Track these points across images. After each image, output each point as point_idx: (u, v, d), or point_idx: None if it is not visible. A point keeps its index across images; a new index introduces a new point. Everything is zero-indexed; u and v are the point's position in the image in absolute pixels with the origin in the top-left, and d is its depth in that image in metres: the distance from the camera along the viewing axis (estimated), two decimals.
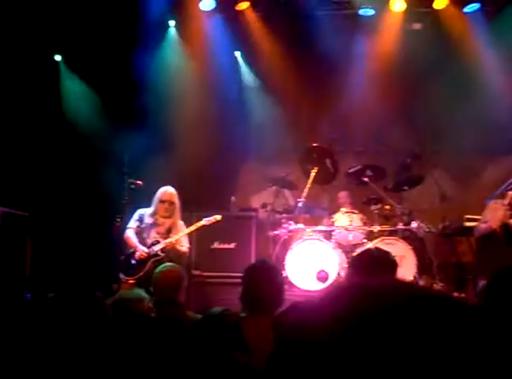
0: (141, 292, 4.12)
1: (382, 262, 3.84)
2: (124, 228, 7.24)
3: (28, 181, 8.74)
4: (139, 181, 7.31)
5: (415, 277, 7.26)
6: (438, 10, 8.94)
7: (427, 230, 7.81)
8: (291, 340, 2.28)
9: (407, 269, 7.14)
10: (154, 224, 7.26)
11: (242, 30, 9.31)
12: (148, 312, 3.89)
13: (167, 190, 7.31)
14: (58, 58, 9.61)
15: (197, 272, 7.96)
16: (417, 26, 9.18)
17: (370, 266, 3.75)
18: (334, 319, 0.90)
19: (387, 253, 4.01)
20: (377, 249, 4.19)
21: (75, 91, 9.50)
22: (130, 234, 7.21)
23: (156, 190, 7.25)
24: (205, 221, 7.35)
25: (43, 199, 8.83)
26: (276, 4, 9.25)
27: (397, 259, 4.25)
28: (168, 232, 7.24)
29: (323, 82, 8.98)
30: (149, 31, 8.87)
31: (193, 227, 7.32)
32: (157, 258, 6.98)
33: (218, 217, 7.41)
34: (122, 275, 7.07)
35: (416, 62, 8.73)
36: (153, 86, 8.80)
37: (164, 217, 7.25)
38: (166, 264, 5.24)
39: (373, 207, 8.04)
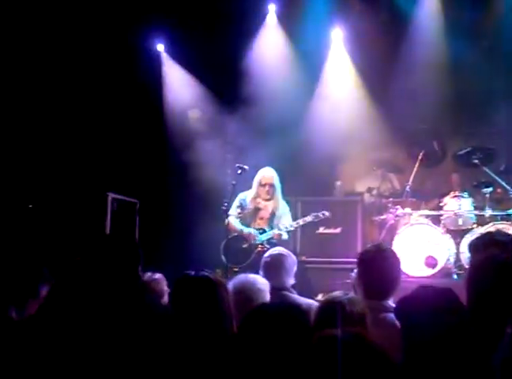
0: (262, 279, 4.06)
1: (507, 245, 3.65)
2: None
3: (138, 171, 8.97)
4: (245, 166, 7.27)
5: None
6: None
7: None
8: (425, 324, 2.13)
9: None
10: (257, 209, 7.23)
11: (340, 11, 9.11)
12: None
13: (267, 172, 7.21)
14: (160, 47, 9.75)
15: (302, 258, 7.91)
16: None
17: (493, 249, 3.56)
18: None
19: (511, 236, 3.81)
20: (499, 231, 3.99)
21: (178, 79, 9.62)
22: (232, 220, 7.21)
23: None
24: (312, 217, 7.25)
25: (151, 187, 9.05)
26: None
27: None
28: (272, 216, 7.20)
29: (430, 60, 8.62)
30: (249, 16, 8.87)
31: (300, 222, 7.26)
32: (262, 248, 6.95)
33: (326, 213, 7.30)
34: (228, 263, 7.10)
35: None
36: (255, 72, 8.78)
37: (266, 200, 7.21)
38: (275, 248, 5.19)
39: (484, 190, 7.69)
